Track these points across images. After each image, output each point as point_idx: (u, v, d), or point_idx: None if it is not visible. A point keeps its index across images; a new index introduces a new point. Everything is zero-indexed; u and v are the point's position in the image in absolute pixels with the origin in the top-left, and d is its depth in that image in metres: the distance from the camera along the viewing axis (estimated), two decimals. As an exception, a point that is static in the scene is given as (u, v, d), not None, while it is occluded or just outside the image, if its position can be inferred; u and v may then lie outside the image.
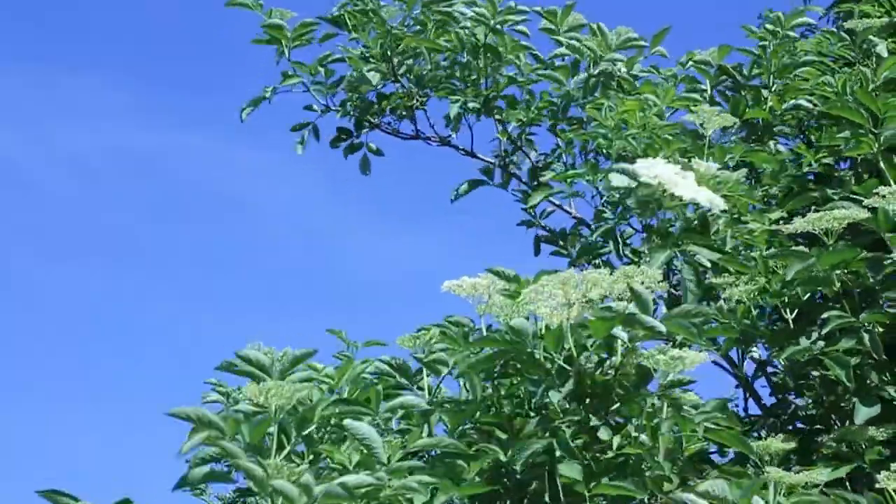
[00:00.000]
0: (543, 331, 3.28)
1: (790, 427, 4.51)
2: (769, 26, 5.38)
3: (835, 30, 5.83)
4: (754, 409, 4.74)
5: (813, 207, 4.49)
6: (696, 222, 4.11)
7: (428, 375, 3.53)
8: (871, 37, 5.24)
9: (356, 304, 12.27)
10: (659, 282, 3.22)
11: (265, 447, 2.84)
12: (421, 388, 3.53)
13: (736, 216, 4.33)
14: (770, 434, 4.22)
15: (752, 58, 5.34)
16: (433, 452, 3.42)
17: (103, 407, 12.44)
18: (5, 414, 11.90)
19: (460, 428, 3.42)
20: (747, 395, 4.69)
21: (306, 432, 2.90)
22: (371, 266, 13.06)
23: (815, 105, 5.13)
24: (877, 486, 3.44)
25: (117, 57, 14.22)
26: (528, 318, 3.36)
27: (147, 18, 14.16)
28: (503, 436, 3.37)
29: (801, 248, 4.23)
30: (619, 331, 3.24)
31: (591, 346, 3.26)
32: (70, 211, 13.98)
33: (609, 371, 3.23)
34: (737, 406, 4.70)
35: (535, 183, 5.42)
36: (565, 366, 3.25)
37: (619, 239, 4.39)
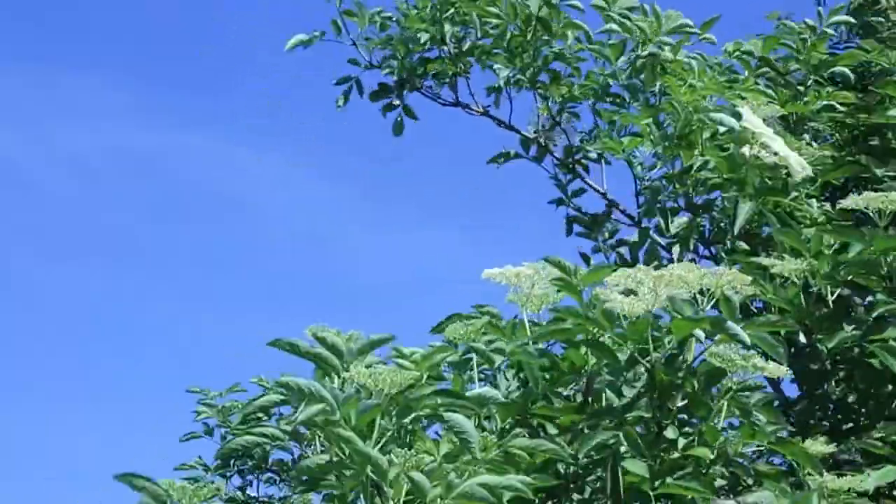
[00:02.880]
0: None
1: (825, 423, 4.27)
2: (809, 21, 5.20)
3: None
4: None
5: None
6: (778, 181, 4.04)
7: (479, 367, 3.30)
8: None
9: (355, 305, 12.02)
10: (747, 284, 2.99)
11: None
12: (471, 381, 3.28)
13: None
14: (804, 429, 4.01)
15: (790, 51, 5.16)
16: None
17: (103, 407, 12.11)
18: (5, 414, 11.54)
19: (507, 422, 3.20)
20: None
21: (406, 420, 2.67)
22: (369, 268, 12.84)
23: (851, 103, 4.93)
24: None
25: (117, 57, 13.85)
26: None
27: (147, 18, 13.81)
28: (554, 430, 3.16)
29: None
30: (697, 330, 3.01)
31: (668, 341, 3.03)
32: (70, 211, 13.63)
33: (682, 367, 3.01)
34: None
35: (570, 160, 5.21)
36: (638, 357, 3.03)
37: (668, 213, 4.18)
